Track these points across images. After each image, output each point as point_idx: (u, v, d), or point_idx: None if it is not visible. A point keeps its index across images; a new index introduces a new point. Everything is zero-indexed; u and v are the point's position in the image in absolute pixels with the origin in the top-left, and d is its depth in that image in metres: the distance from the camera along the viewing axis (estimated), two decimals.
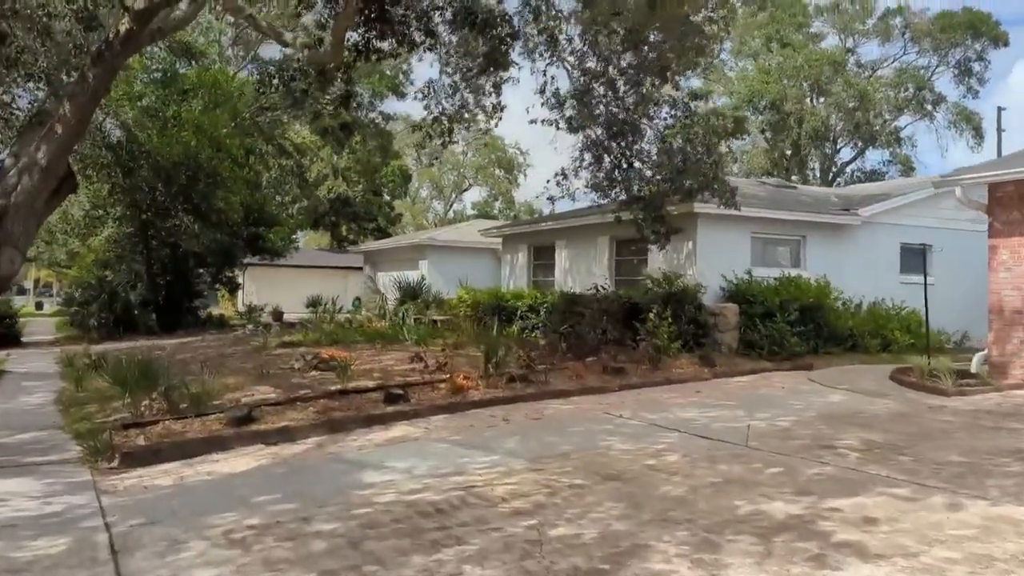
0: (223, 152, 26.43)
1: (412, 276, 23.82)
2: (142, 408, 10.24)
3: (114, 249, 28.17)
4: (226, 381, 12.53)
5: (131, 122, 26.22)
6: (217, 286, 32.24)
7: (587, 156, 13.95)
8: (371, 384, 11.68)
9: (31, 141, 15.31)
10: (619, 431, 9.12)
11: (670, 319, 13.50)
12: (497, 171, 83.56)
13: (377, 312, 22.69)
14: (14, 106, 17.49)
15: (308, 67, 12.78)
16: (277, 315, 22.27)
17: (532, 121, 14.20)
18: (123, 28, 13.83)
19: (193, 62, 29.48)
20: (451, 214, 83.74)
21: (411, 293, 19.76)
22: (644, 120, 13.64)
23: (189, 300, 29.69)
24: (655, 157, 13.02)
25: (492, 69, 11.87)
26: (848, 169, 45.68)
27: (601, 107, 12.51)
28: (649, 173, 13.63)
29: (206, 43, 32.22)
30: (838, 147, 45.58)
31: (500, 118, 13.50)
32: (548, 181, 14.30)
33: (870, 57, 43.63)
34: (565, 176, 14.38)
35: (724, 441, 8.43)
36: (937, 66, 42.45)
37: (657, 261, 16.49)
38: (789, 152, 41.05)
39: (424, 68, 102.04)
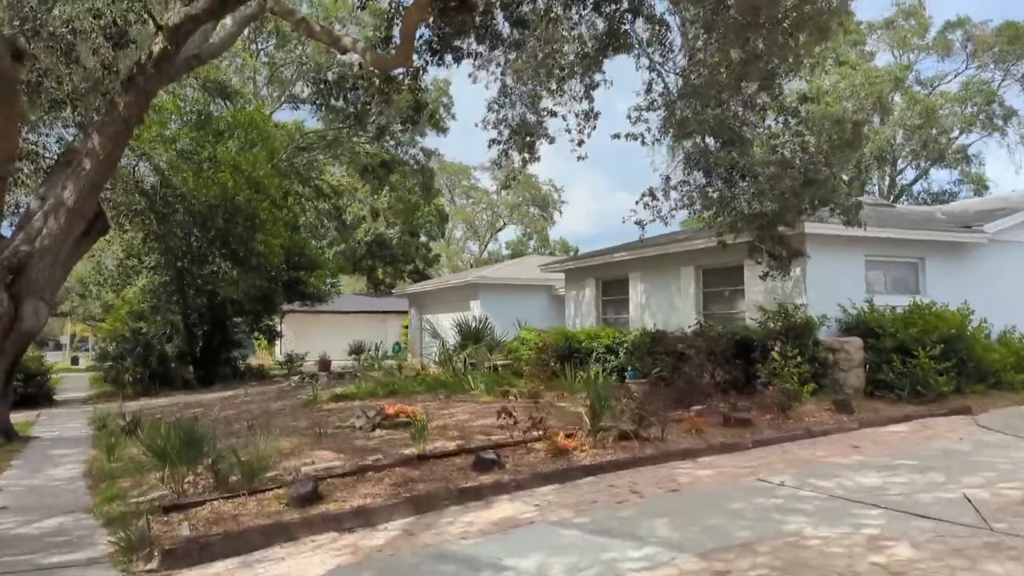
0: (261, 193, 25.01)
1: (468, 317, 22.03)
2: (185, 484, 8.41)
3: (149, 300, 26.76)
4: (279, 444, 10.68)
5: (165, 165, 24.98)
6: (256, 335, 30.68)
7: (688, 171, 12.01)
8: (451, 446, 9.76)
9: (58, 182, 13.83)
10: (796, 507, 7.06)
11: (798, 357, 11.45)
12: (532, 209, 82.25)
13: (436, 358, 20.83)
14: (40, 146, 15.97)
15: (371, 74, 11.04)
16: (324, 364, 20.57)
17: (616, 136, 12.37)
18: (156, 48, 12.30)
19: (228, 102, 28.36)
20: (485, 254, 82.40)
21: (472, 336, 17.93)
22: (748, 127, 11.75)
23: (227, 351, 28.15)
24: (770, 169, 11.05)
25: (610, 49, 10.12)
26: (914, 190, 43.30)
27: (708, 111, 10.69)
28: (756, 188, 11.63)
29: (240, 82, 31.15)
30: (899, 168, 43.26)
31: (595, 127, 11.69)
32: (637, 202, 12.40)
33: (928, 73, 41.59)
34: (654, 196, 12.45)
35: (953, 522, 6.34)
36: (1003, 80, 40.21)
37: (755, 292, 14.48)
38: (847, 176, 38.88)
39: (470, 96, 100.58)
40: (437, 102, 33.12)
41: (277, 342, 31.02)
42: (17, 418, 19.01)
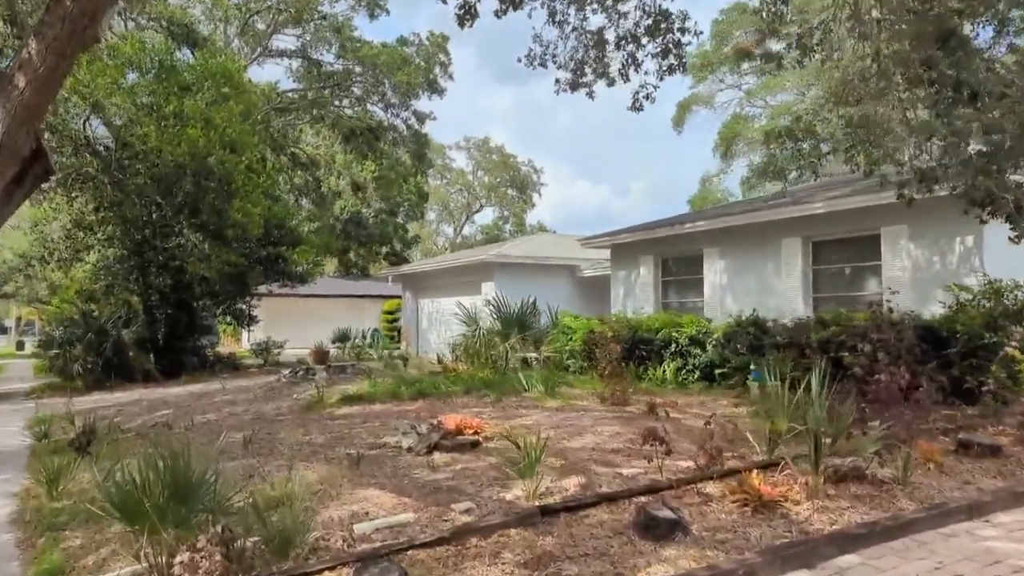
0: (236, 154, 21.32)
1: (477, 301, 18.78)
2: (175, 567, 5.07)
3: (102, 278, 22.94)
4: (305, 477, 7.36)
5: (121, 120, 21.16)
6: (227, 319, 26.95)
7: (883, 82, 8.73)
8: (572, 485, 6.56)
9: None
10: None
11: None
12: (510, 191, 78.92)
13: (451, 349, 17.50)
14: None
15: None
16: (320, 355, 17.13)
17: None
18: None
19: (195, 50, 24.53)
20: (459, 239, 78.98)
21: (515, 322, 14.64)
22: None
23: (194, 337, 24.41)
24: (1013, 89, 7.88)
25: None
26: None
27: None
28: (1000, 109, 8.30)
29: (210, 29, 27.21)
30: None
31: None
32: (772, 144, 9.31)
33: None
34: (809, 134, 9.28)
35: None
36: None
37: (895, 269, 11.45)
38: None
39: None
40: (433, 59, 29.58)
41: (247, 328, 27.30)
42: None
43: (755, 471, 6.32)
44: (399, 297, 43.37)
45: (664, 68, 11.05)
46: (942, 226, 10.92)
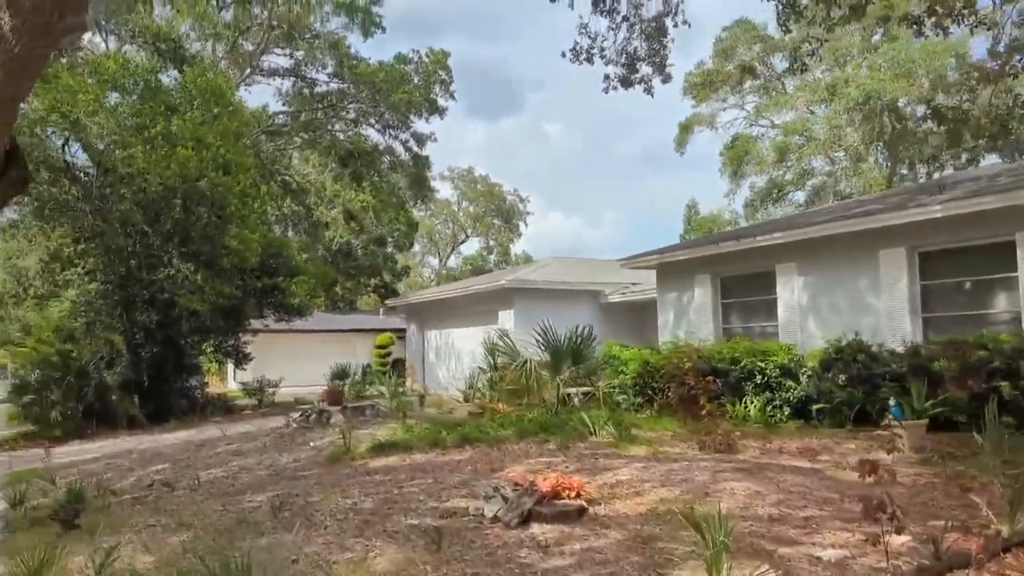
0: (231, 176, 19.52)
1: (492, 332, 17.00)
2: None
3: (83, 315, 20.88)
4: (372, 566, 5.55)
5: (104, 141, 19.31)
6: (216, 356, 24.93)
7: None
8: None
9: None
10: None
11: None
12: (495, 221, 77.47)
13: (476, 386, 15.68)
14: None
15: None
16: (334, 396, 15.13)
17: None
18: None
19: (183, 68, 22.80)
20: (444, 270, 77.24)
21: (567, 353, 12.79)
22: None
23: (182, 378, 22.34)
24: None
25: None
26: None
27: None
28: None
29: (197, 52, 25.45)
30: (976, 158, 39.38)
31: None
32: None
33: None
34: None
35: None
36: None
37: None
38: (905, 169, 35.04)
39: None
40: (433, 76, 28.01)
41: (241, 367, 25.26)
42: None
43: None
44: (391, 331, 41.46)
45: None
46: None
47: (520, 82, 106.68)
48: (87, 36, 20.85)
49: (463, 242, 78.53)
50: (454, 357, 23.37)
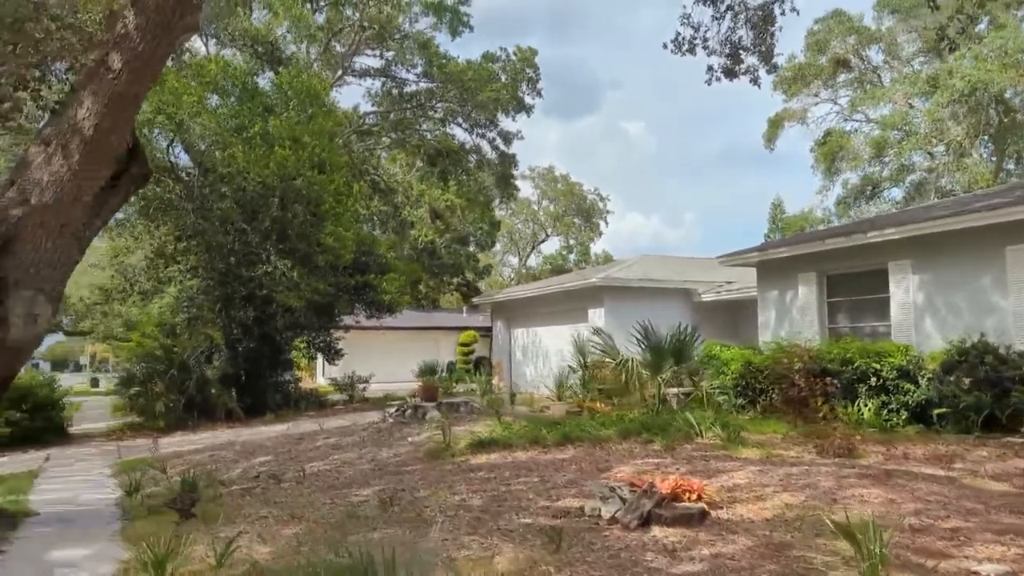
0: (326, 175, 19.88)
1: (581, 330, 16.78)
2: None
3: (185, 310, 21.61)
4: (493, 565, 5.44)
5: (206, 141, 19.95)
6: (309, 351, 25.46)
7: None
8: None
9: (70, 104, 8.66)
10: None
11: None
12: (575, 220, 77.04)
13: (570, 384, 15.55)
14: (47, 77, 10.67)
15: None
16: (429, 392, 15.22)
17: None
18: None
19: (279, 70, 23.36)
20: (524, 269, 77.28)
21: (672, 353, 12.52)
22: None
23: (277, 373, 22.91)
24: None
25: None
26: None
27: None
28: None
29: (292, 54, 26.11)
30: None
31: None
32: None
33: None
34: None
35: None
36: None
37: None
38: (1012, 163, 33.34)
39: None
40: (521, 74, 28.01)
41: (334, 362, 25.71)
42: (19, 464, 13.95)
43: None
44: (475, 329, 41.63)
45: None
46: None
47: (599, 81, 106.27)
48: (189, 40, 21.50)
49: (543, 241, 78.40)
50: (541, 355, 23.27)
